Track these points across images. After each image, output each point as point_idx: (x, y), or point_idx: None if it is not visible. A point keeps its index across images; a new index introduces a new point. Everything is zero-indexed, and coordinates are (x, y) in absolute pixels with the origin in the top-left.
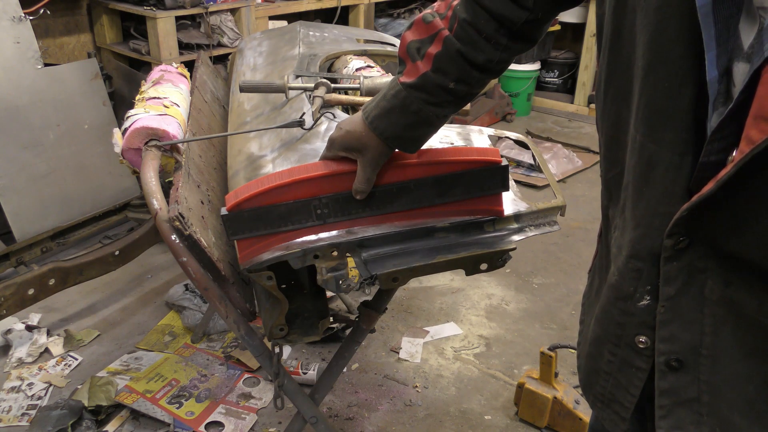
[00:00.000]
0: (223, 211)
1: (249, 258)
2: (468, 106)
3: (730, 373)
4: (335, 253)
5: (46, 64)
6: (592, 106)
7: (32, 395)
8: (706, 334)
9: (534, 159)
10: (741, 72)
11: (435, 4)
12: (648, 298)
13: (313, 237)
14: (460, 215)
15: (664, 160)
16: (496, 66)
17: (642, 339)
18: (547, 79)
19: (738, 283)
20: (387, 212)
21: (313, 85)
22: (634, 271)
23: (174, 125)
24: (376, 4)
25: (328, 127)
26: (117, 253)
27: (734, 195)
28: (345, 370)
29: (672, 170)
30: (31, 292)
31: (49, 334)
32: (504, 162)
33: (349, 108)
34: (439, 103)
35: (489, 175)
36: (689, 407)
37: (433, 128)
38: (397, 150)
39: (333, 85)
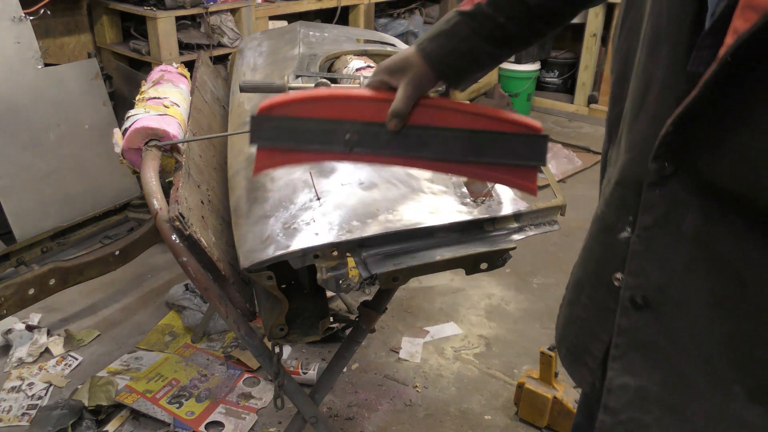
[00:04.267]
0: (252, 113)
1: (263, 169)
2: None
3: (693, 321)
4: (335, 253)
5: (46, 64)
6: (593, 106)
7: (32, 395)
8: (676, 274)
9: None
10: None
11: None
12: (628, 229)
13: (334, 163)
14: (491, 181)
15: (659, 79)
16: (546, 14)
17: (618, 276)
18: (547, 79)
19: (717, 220)
20: (415, 156)
21: (313, 85)
22: (619, 200)
23: (174, 125)
24: (376, 4)
25: None
26: (117, 253)
27: (716, 109)
28: (345, 370)
29: (664, 90)
30: (31, 292)
31: (49, 334)
32: (545, 133)
33: None
34: (487, 36)
35: (527, 143)
36: (644, 352)
37: (476, 65)
38: (439, 88)
39: (333, 85)
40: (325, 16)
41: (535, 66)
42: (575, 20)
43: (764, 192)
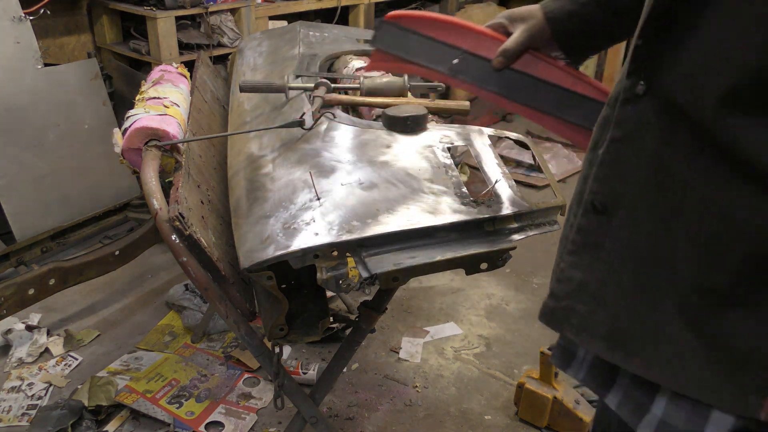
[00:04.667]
0: (382, 18)
1: (373, 69)
2: (468, 106)
3: (637, 233)
4: (335, 253)
5: (46, 64)
6: None
7: (32, 395)
8: (632, 187)
9: (534, 159)
10: None
11: None
12: (606, 145)
13: (433, 82)
14: (567, 138)
15: (649, 1)
16: None
17: None
18: None
19: (673, 141)
20: (507, 96)
21: (313, 85)
22: (604, 118)
23: (174, 125)
24: (376, 4)
25: (328, 127)
26: (117, 253)
27: (675, 24)
28: (345, 370)
29: (647, 9)
30: (31, 292)
31: (49, 334)
32: None
33: (349, 108)
34: (604, 3)
35: None
36: (592, 251)
37: (591, 34)
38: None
39: (333, 85)
40: (325, 16)
41: None
42: None
43: (705, 111)
